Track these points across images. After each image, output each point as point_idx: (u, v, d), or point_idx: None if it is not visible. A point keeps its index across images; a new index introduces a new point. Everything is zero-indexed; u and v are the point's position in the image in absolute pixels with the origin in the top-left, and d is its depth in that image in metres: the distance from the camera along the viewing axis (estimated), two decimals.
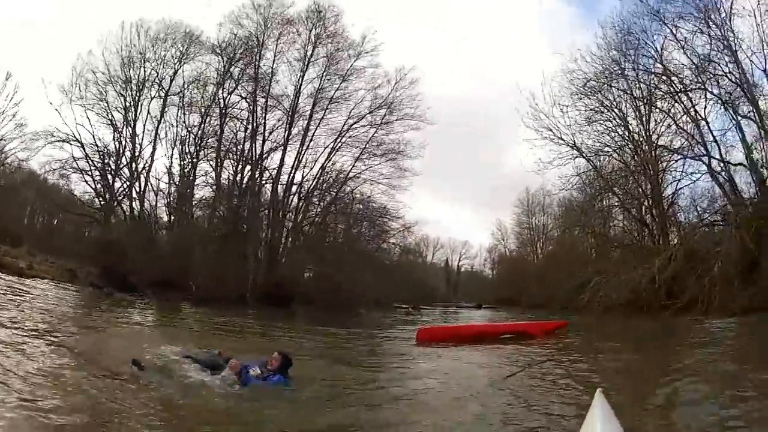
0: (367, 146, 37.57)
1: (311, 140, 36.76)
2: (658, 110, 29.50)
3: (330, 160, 37.34)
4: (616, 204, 33.28)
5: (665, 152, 29.49)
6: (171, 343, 9.98)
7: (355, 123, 37.21)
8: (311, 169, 37.39)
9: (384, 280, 46.44)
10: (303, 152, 36.52)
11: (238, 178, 35.72)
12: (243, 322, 20.59)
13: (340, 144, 37.39)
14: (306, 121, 36.36)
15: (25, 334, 9.76)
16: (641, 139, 30.45)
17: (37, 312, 13.79)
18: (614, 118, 31.22)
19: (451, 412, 6.65)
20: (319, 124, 36.72)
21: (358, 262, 38.15)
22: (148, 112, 34.76)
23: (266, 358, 8.14)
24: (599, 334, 18.94)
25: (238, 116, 35.46)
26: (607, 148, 31.77)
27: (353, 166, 37.71)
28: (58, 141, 32.40)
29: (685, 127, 27.79)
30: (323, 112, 36.61)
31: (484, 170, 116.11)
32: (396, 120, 37.37)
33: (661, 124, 30.00)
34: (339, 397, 7.69)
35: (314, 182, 37.35)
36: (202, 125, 35.09)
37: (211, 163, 35.67)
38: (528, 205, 64.00)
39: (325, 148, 37.07)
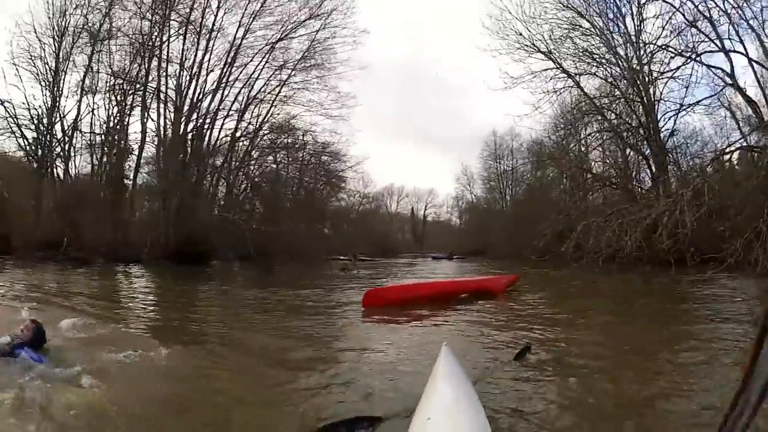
0: (298, 65, 30.89)
1: (235, 68, 29.63)
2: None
3: (253, 89, 30.39)
4: (605, 129, 26.14)
5: (666, 58, 23.17)
6: None
7: (282, 38, 30.02)
8: (242, 105, 30.41)
9: (339, 231, 41.89)
10: (225, 82, 29.43)
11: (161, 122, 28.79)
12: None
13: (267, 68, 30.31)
14: (230, 46, 29.25)
15: None
16: (631, 51, 23.94)
17: None
18: (598, 28, 24.57)
19: None
20: (238, 47, 29.47)
21: (301, 211, 32.33)
22: (74, 63, 28.19)
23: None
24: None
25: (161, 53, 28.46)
26: (590, 65, 25.05)
27: (280, 90, 31.11)
28: None
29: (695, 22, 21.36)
30: (244, 33, 29.46)
31: (452, 118, 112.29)
32: (328, 30, 30.69)
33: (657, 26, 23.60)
34: None
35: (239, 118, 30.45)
36: (133, 69, 28.41)
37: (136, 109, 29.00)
38: (495, 148, 57.44)
39: (250, 78, 30.09)
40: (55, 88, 27.56)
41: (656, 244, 15.81)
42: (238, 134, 30.19)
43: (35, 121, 27.16)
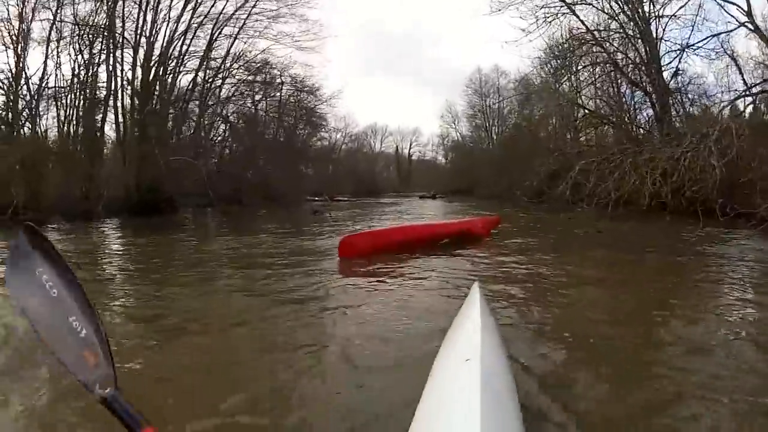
0: None
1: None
2: None
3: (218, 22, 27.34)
4: (603, 61, 23.44)
5: None
6: None
7: None
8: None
9: (323, 171, 39.89)
10: (190, 19, 26.38)
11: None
12: None
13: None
14: None
15: None
16: None
17: None
18: None
19: None
20: None
21: (281, 152, 30.01)
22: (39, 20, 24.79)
23: None
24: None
25: None
26: None
27: (245, 22, 28.25)
28: None
29: None
30: None
31: (436, 55, 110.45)
32: None
33: None
34: None
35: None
36: (99, 17, 25.08)
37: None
38: (481, 85, 54.53)
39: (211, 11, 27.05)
40: (19, 47, 24.09)
41: (678, 191, 13.33)
42: (204, 75, 27.63)
43: (2, 84, 24.03)
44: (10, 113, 24.11)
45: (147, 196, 21.79)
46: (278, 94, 33.24)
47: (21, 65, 24.23)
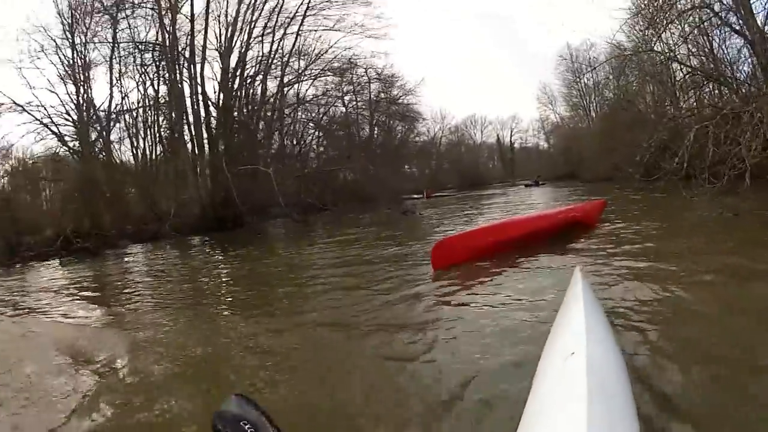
0: None
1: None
2: None
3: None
4: (699, 6, 20.54)
5: None
6: None
7: None
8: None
9: (425, 167, 39.18)
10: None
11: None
12: None
13: None
14: None
15: None
16: None
17: None
18: None
19: None
20: None
21: (378, 151, 29.39)
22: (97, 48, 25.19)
23: None
24: None
25: None
26: None
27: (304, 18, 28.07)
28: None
29: None
30: None
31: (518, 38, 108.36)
32: None
33: None
34: None
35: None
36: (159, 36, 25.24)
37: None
38: (572, 60, 51.41)
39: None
40: (77, 73, 24.43)
41: None
42: (280, 78, 26.86)
43: (70, 116, 24.21)
44: (79, 143, 24.11)
45: (219, 212, 21.29)
46: (366, 91, 32.32)
47: (85, 94, 24.49)
